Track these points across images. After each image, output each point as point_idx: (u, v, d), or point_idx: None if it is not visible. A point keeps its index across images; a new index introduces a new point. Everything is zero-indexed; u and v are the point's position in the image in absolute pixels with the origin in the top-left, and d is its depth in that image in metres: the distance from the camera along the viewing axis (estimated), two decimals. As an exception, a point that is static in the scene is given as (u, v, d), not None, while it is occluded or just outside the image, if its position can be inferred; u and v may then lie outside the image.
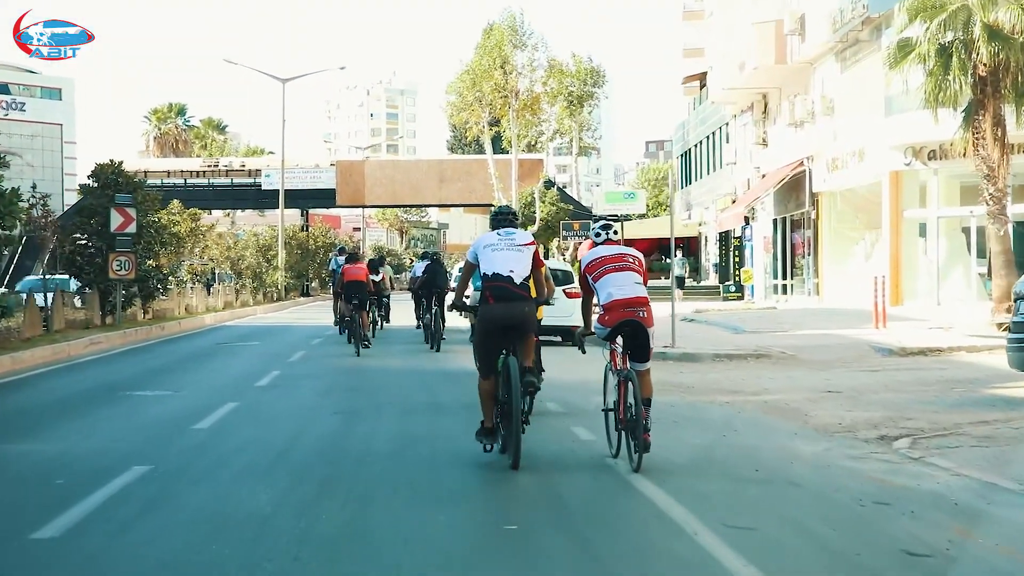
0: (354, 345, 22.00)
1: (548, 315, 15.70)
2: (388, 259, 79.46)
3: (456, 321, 28.13)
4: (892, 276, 30.85)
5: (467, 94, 60.87)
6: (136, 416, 13.14)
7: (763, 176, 44.05)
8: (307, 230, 70.28)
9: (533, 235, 54.33)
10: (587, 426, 11.63)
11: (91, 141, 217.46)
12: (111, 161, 29.74)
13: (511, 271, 9.52)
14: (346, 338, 24.42)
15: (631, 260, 9.76)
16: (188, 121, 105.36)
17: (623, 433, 9.58)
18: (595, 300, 9.94)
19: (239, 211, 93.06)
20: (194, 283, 40.16)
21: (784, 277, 42.81)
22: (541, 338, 12.19)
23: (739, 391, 15.60)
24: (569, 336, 23.43)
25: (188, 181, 70.81)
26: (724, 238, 53.61)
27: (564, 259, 66.78)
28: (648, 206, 77.19)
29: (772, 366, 19.06)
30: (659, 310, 12.62)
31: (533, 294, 9.90)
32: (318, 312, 45.22)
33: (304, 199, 71.04)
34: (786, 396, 14.93)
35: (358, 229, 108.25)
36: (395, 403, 14.22)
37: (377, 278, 28.11)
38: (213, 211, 75.04)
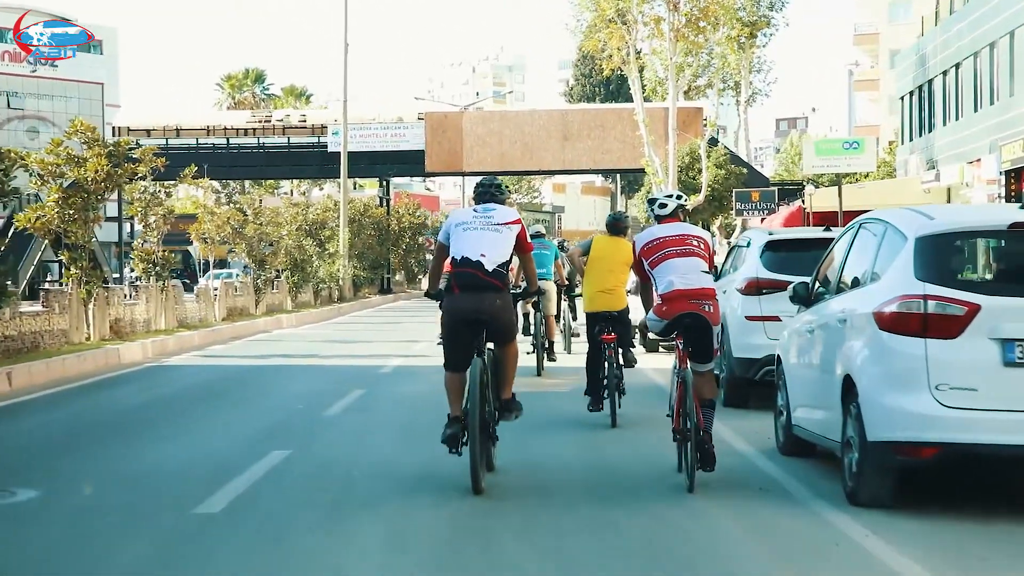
0: None
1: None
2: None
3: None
4: None
5: (605, 7, 42.93)
6: None
7: None
8: (386, 204, 53.12)
9: (696, 208, 33.10)
10: None
11: (155, 109, 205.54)
12: None
13: (482, 255, 8.22)
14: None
15: (696, 243, 8.70)
16: (267, 89, 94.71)
17: (683, 446, 8.33)
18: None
19: (316, 186, 77.86)
20: (152, 278, 22.42)
21: None
22: None
23: None
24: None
25: (231, 141, 53.89)
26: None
27: (725, 242, 48.55)
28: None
29: None
30: None
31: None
32: (393, 322, 27.92)
33: (384, 163, 53.87)
34: None
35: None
36: None
37: None
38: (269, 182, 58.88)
